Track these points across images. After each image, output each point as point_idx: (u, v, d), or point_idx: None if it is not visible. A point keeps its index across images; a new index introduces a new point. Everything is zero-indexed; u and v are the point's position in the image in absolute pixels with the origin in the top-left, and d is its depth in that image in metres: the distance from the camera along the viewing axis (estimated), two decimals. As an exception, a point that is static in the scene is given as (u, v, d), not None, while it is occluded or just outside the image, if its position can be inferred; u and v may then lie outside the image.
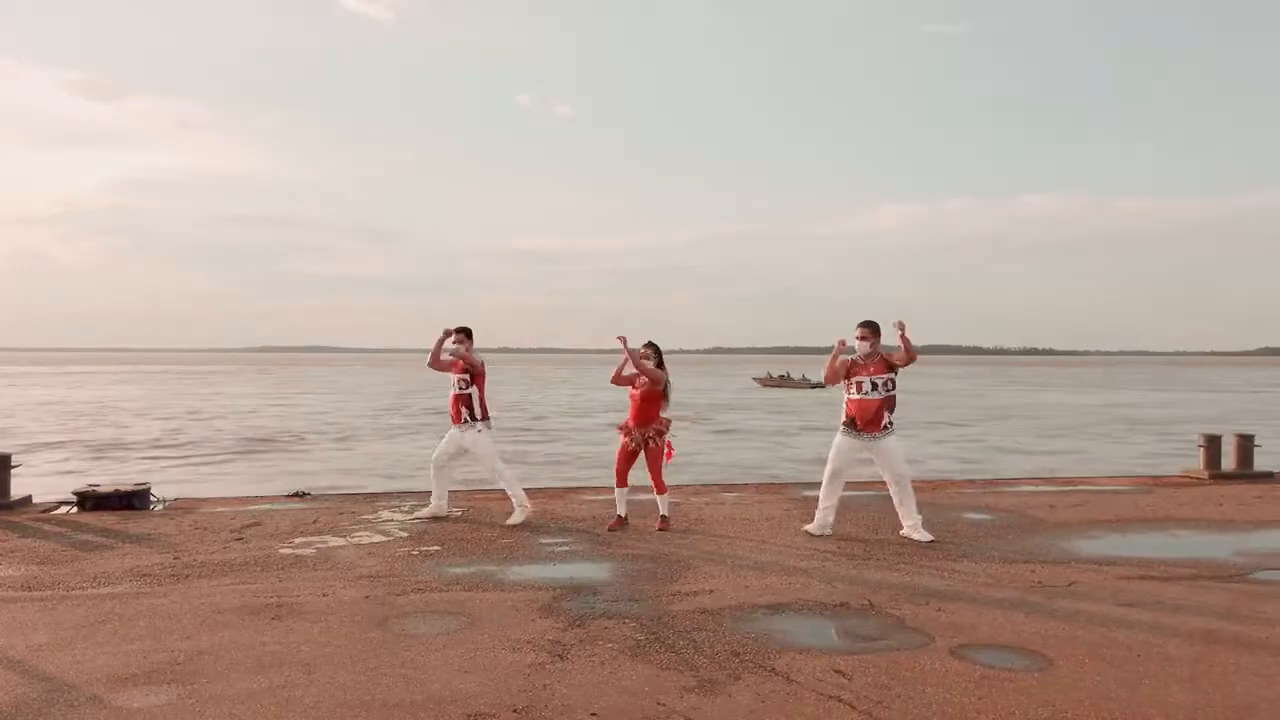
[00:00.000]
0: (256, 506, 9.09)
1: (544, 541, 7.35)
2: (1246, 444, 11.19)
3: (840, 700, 3.97)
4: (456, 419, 8.19)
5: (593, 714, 3.82)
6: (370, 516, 8.41)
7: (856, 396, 7.39)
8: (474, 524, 8.05)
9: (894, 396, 7.38)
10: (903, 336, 7.22)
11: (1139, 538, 7.64)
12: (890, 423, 7.34)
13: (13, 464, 8.93)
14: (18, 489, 9.03)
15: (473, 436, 8.13)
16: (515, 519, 8.02)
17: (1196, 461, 11.30)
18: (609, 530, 7.79)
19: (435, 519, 8.24)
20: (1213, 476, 10.89)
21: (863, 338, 7.38)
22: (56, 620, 5.14)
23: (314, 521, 8.15)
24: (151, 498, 9.04)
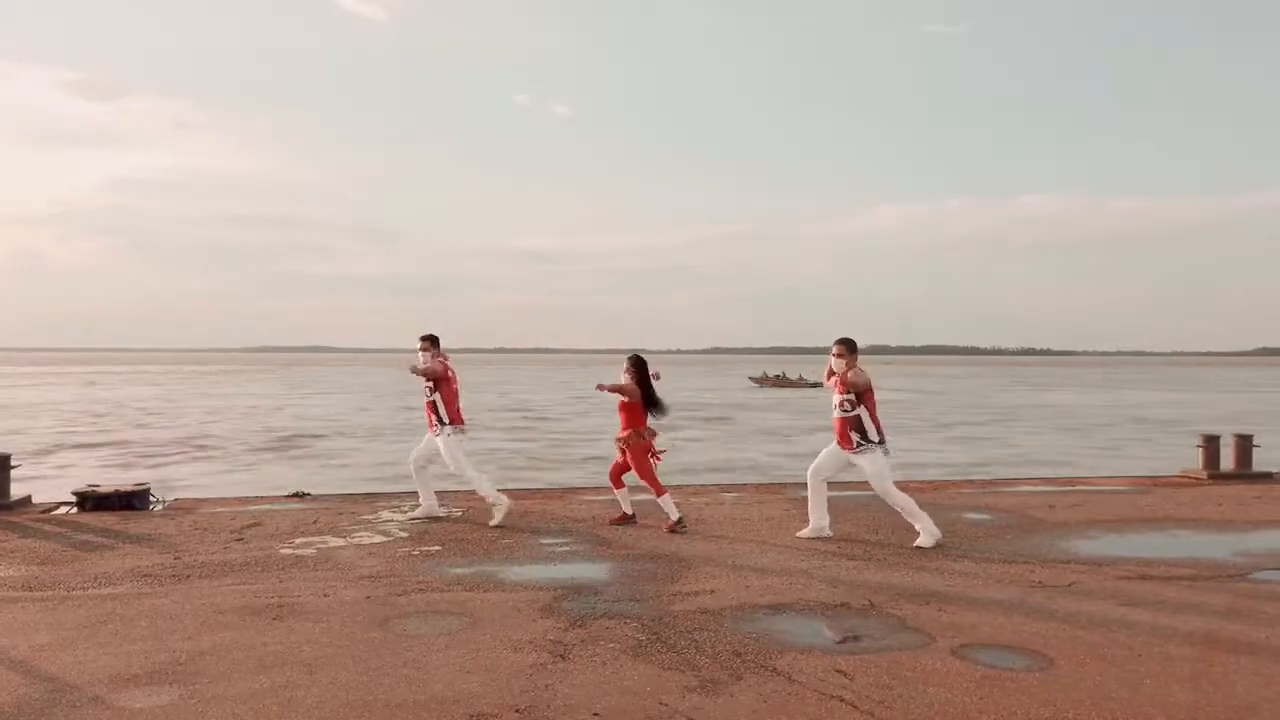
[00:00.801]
0: (256, 507, 9.10)
1: (544, 542, 7.36)
2: (1245, 444, 11.20)
3: (842, 700, 3.98)
4: (430, 424, 8.27)
5: (595, 714, 3.83)
6: (370, 517, 8.41)
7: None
8: (474, 524, 8.05)
9: (857, 416, 7.21)
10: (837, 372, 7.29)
11: (1138, 538, 7.65)
12: (861, 442, 7.22)
13: (12, 464, 8.93)
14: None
15: (442, 441, 8.18)
16: (497, 519, 8.03)
17: (1198, 462, 11.30)
18: (611, 524, 7.92)
19: (432, 519, 8.26)
20: (1211, 476, 10.90)
21: (838, 355, 7.33)
22: (58, 620, 5.14)
23: (314, 522, 8.15)
24: (151, 498, 9.04)
